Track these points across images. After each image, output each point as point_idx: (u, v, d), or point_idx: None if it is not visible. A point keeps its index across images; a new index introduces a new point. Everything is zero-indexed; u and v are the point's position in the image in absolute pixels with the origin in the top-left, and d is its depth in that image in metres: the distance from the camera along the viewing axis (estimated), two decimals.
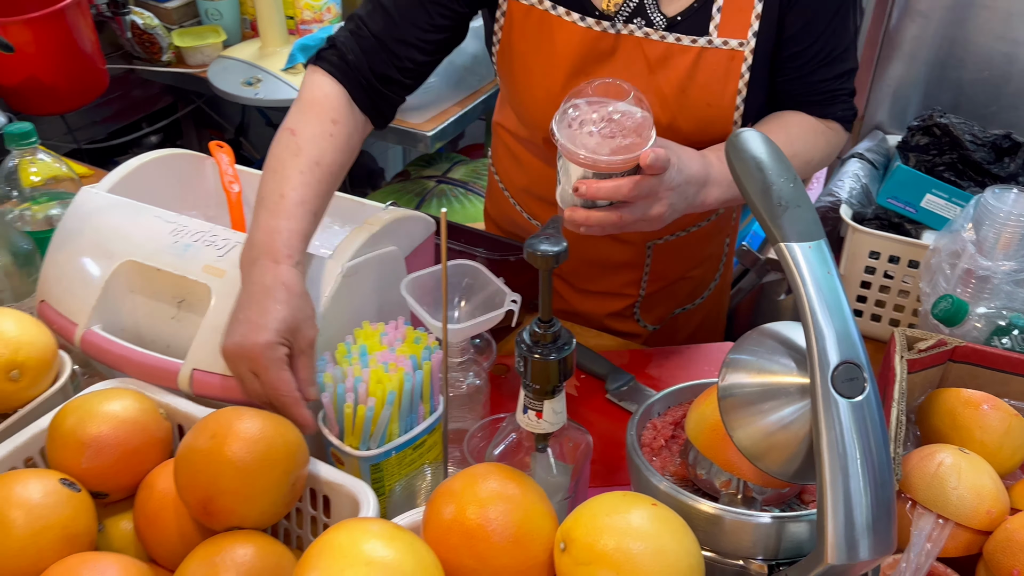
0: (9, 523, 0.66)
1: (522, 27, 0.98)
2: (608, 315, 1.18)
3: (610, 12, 0.94)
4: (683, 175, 0.85)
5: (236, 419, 0.69)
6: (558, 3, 0.95)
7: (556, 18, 0.95)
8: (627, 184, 0.79)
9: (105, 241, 0.90)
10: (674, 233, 1.11)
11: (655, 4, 0.93)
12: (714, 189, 0.89)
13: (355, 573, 0.53)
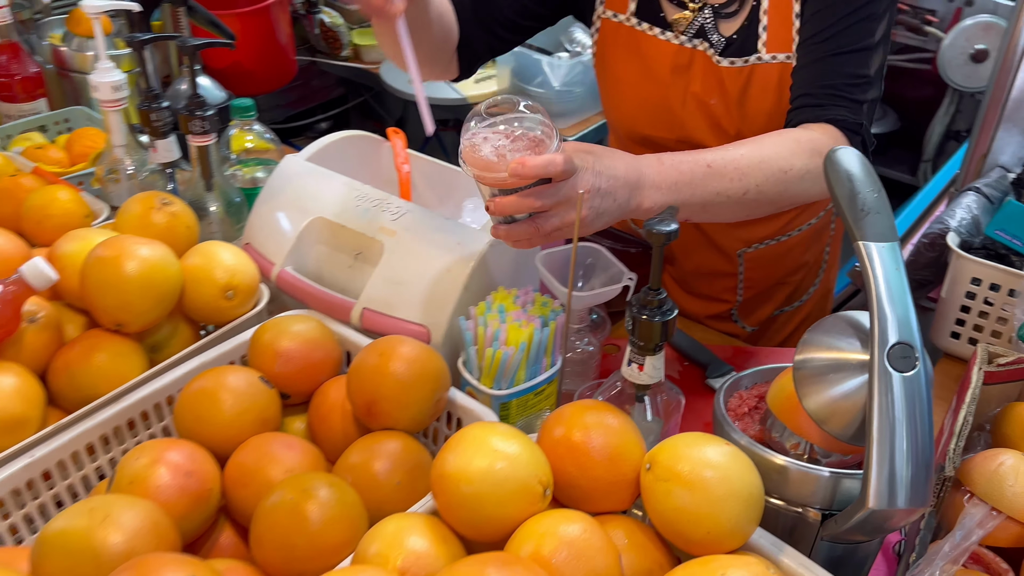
0: (221, 403, 0.86)
1: (613, 40, 1.13)
2: (709, 316, 1.30)
3: (679, 28, 1.08)
4: (603, 177, 0.84)
5: (399, 344, 0.87)
6: (643, 19, 1.09)
7: (641, 33, 1.11)
8: (531, 196, 0.80)
9: (301, 200, 1.11)
10: (762, 242, 1.22)
11: (714, 26, 1.07)
12: (651, 192, 0.87)
13: (484, 457, 0.69)
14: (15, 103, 1.52)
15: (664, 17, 1.09)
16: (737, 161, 0.92)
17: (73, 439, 0.84)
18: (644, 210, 0.88)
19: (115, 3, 1.14)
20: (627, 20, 1.12)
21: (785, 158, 0.93)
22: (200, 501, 0.78)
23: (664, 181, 0.88)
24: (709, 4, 1.07)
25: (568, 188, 0.81)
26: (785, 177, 0.93)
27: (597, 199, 0.83)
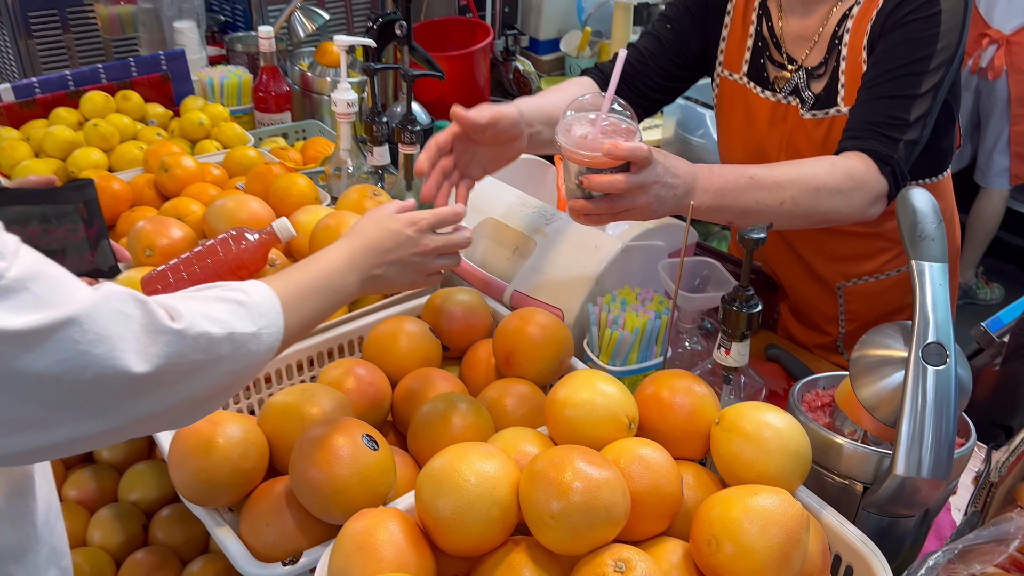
0: (398, 340, 1.12)
1: (729, 95, 1.34)
2: (816, 346, 1.43)
3: (778, 88, 1.28)
4: (669, 174, 1.00)
5: (536, 313, 1.10)
6: (751, 79, 1.30)
7: (748, 90, 1.32)
8: (620, 177, 0.96)
9: (478, 203, 1.37)
10: (861, 278, 1.35)
11: (806, 84, 1.24)
12: (702, 195, 1.03)
13: (586, 391, 0.89)
14: (268, 113, 1.91)
15: (767, 77, 1.29)
16: (776, 176, 1.07)
17: (292, 353, 1.13)
18: (696, 209, 1.03)
19: (358, 40, 1.47)
20: (740, 79, 1.32)
21: (820, 177, 1.08)
22: (374, 405, 1.04)
23: (712, 186, 1.04)
24: (803, 66, 1.25)
25: (645, 175, 0.97)
26: (818, 193, 1.07)
27: (663, 190, 0.99)
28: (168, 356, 0.66)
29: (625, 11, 2.26)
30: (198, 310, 0.70)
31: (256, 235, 1.15)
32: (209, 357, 0.69)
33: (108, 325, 0.62)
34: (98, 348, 0.62)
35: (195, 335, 0.68)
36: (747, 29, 1.30)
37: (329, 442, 0.83)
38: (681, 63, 1.36)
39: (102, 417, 0.64)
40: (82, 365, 0.61)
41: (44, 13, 2.21)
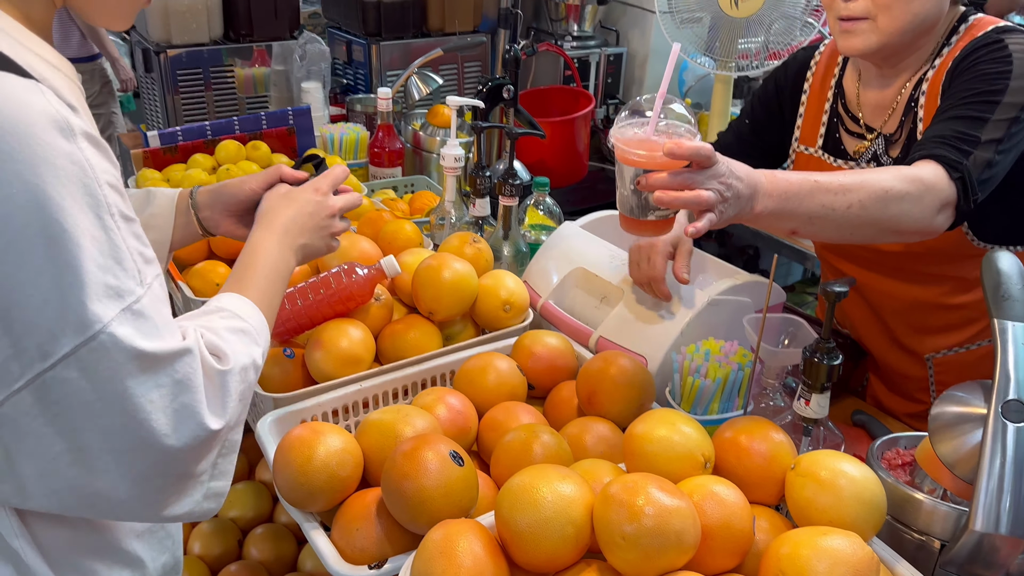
0: (487, 375, 1.18)
1: (806, 169, 1.37)
2: (906, 415, 1.41)
3: (857, 156, 1.30)
4: (733, 176, 0.96)
5: (620, 356, 1.14)
6: (827, 152, 1.34)
7: (825, 162, 1.35)
8: (680, 175, 0.92)
9: (570, 254, 1.45)
10: (951, 349, 1.33)
11: (885, 150, 1.26)
12: (765, 199, 1.00)
13: (665, 428, 0.93)
14: (381, 167, 2.06)
15: (844, 149, 1.33)
16: (842, 180, 1.05)
17: (388, 381, 1.21)
18: (756, 214, 1.00)
19: (468, 101, 1.59)
20: (816, 152, 1.36)
21: (887, 180, 1.05)
22: (462, 432, 1.10)
23: (775, 190, 1.01)
24: (882, 134, 1.28)
25: (708, 175, 0.94)
26: (886, 196, 1.04)
27: (727, 191, 0.96)
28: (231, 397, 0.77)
29: (725, 84, 2.33)
30: (238, 350, 0.80)
31: (366, 270, 1.25)
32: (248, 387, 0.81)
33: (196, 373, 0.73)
34: (185, 395, 0.72)
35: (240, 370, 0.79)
36: (822, 106, 1.35)
37: (419, 456, 0.90)
38: (760, 153, 1.43)
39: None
40: (175, 393, 0.71)
41: (190, 72, 2.45)
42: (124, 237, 0.69)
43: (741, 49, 2.32)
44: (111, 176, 0.70)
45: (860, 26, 1.19)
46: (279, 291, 0.97)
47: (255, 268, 0.95)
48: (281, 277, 0.97)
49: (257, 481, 1.65)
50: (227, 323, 0.83)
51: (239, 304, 0.87)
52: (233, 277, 0.94)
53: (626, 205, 1.00)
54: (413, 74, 2.12)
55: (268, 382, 1.20)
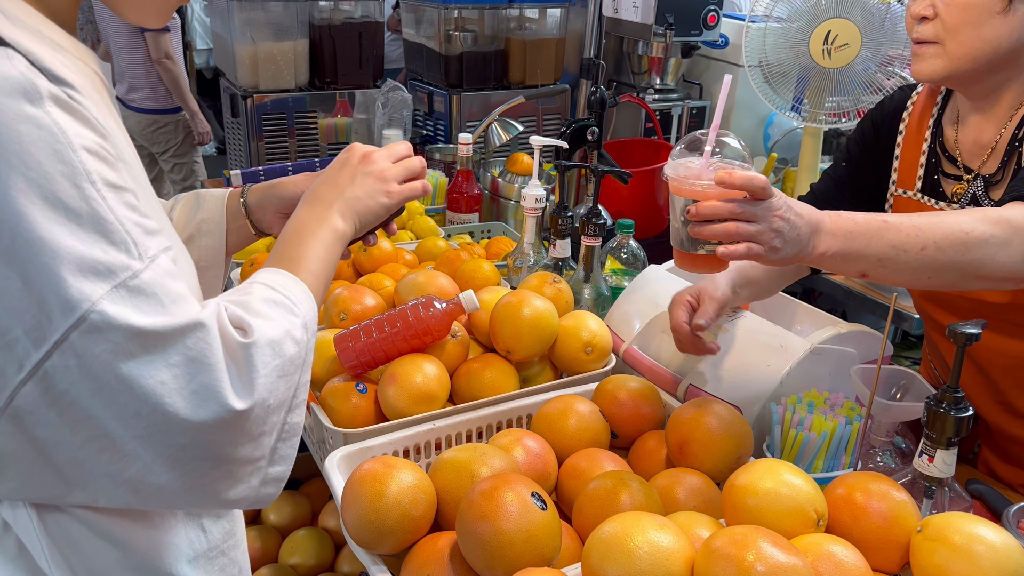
0: (568, 418, 1.11)
1: (905, 212, 1.25)
2: (1021, 485, 1.27)
3: (956, 199, 1.21)
4: (792, 211, 0.91)
5: (713, 403, 1.05)
6: (925, 194, 1.25)
7: (925, 204, 1.25)
8: (732, 202, 0.88)
9: (656, 297, 1.37)
10: None
11: (985, 192, 1.16)
12: (828, 238, 0.93)
13: (771, 480, 0.84)
14: (459, 212, 2.03)
15: (943, 191, 1.24)
16: (915, 219, 0.96)
17: (462, 422, 1.14)
18: (819, 254, 0.94)
19: (553, 140, 1.55)
20: (915, 195, 1.27)
21: (967, 222, 0.96)
22: (541, 477, 1.02)
23: (840, 229, 0.94)
24: (981, 175, 1.18)
25: (764, 207, 0.89)
26: (966, 238, 0.95)
27: (784, 224, 0.90)
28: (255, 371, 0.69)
29: (815, 138, 2.25)
30: (267, 321, 0.72)
31: (444, 304, 1.20)
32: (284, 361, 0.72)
33: (214, 350, 0.66)
34: (202, 374, 0.65)
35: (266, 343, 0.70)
36: (920, 146, 1.27)
37: (498, 496, 0.82)
38: (858, 198, 1.35)
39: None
40: (190, 374, 0.64)
41: (275, 117, 2.50)
42: (111, 207, 0.63)
43: (829, 107, 2.24)
44: (89, 141, 0.64)
45: (928, 50, 1.13)
46: (324, 258, 0.86)
47: (293, 239, 0.87)
48: (325, 243, 0.87)
49: (320, 528, 1.59)
50: (257, 295, 0.75)
51: (274, 277, 0.80)
52: (273, 251, 0.87)
53: (677, 238, 0.97)
54: (494, 121, 2.10)
55: (339, 417, 1.15)
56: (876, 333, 1.25)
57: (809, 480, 0.85)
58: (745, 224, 0.89)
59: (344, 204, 0.90)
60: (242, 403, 0.67)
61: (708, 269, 0.97)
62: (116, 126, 0.71)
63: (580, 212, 1.70)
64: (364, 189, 0.92)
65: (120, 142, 0.70)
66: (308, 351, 0.76)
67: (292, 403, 0.73)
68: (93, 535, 0.73)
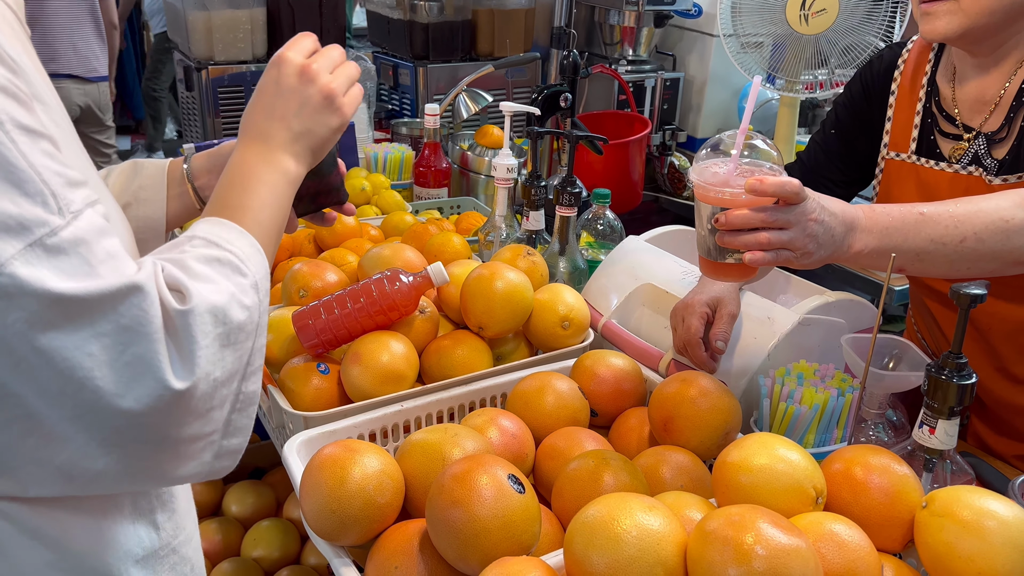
0: (545, 396, 1.04)
1: (897, 177, 1.23)
2: (1016, 456, 1.23)
3: (954, 159, 1.15)
4: (826, 212, 0.88)
5: (700, 377, 0.99)
6: (921, 156, 1.20)
7: (921, 167, 1.20)
8: (763, 211, 0.85)
9: (635, 269, 1.30)
10: None
11: (987, 151, 1.11)
12: (864, 236, 0.91)
13: (764, 456, 0.78)
14: (426, 187, 1.95)
15: (940, 152, 1.18)
16: (952, 210, 0.93)
17: (432, 402, 1.07)
18: (854, 252, 0.92)
19: (525, 107, 1.48)
20: (908, 158, 1.21)
21: (1006, 208, 0.93)
22: (517, 459, 0.95)
23: (875, 225, 0.92)
24: (982, 133, 1.13)
25: (797, 212, 0.86)
26: (1006, 226, 0.92)
27: (819, 228, 0.88)
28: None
29: (791, 109, 2.20)
30: (208, 284, 0.63)
31: (411, 277, 1.12)
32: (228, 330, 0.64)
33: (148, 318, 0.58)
34: (136, 344, 0.57)
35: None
36: (914, 106, 1.21)
37: (472, 479, 0.75)
38: (849, 165, 1.30)
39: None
40: (122, 345, 0.56)
41: (232, 91, 2.39)
42: (24, 152, 0.55)
43: (805, 80, 2.19)
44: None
45: (942, 7, 1.07)
46: (275, 206, 0.76)
47: (237, 184, 0.76)
48: (275, 188, 0.77)
49: (284, 519, 1.51)
50: (197, 252, 0.66)
51: (216, 229, 0.69)
52: (212, 200, 0.75)
53: (704, 247, 0.93)
54: (462, 92, 2.02)
55: (299, 400, 1.07)
56: (864, 301, 1.19)
57: (806, 455, 0.79)
58: (778, 232, 0.86)
59: (293, 139, 0.79)
60: (182, 382, 0.59)
61: (737, 278, 0.94)
62: (32, 64, 0.63)
63: (553, 183, 1.63)
64: (312, 117, 0.80)
65: (36, 81, 0.62)
66: (262, 314, 0.67)
67: (246, 371, 0.66)
68: (19, 532, 0.65)
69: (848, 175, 1.31)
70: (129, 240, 0.74)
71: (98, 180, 0.70)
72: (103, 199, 0.66)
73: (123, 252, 0.59)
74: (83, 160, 0.67)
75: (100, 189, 0.70)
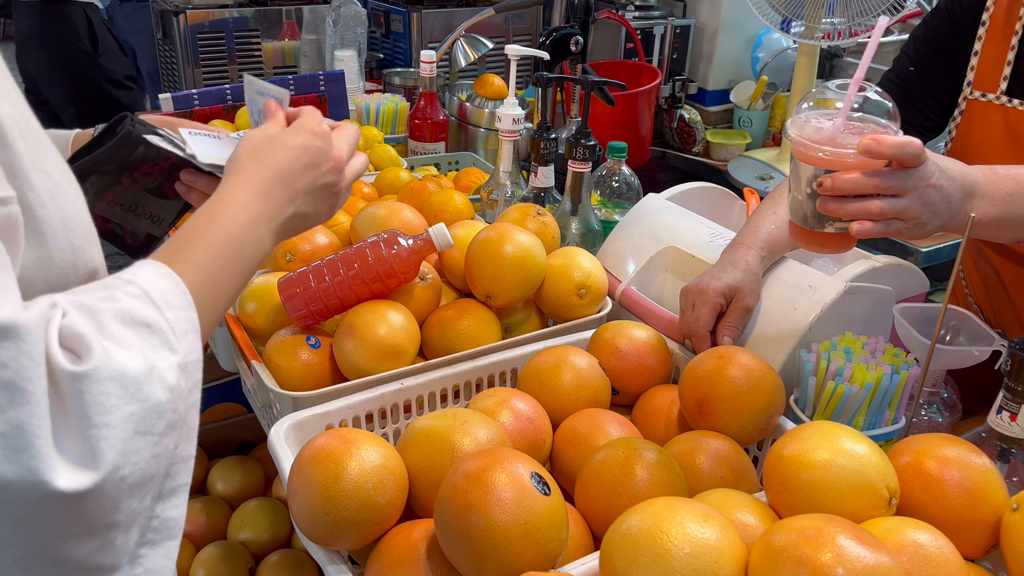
0: (562, 373, 0.93)
1: (981, 120, 1.11)
2: None
3: None
4: (944, 176, 0.79)
5: (738, 352, 0.88)
6: (1015, 96, 1.08)
7: (1012, 109, 1.08)
8: (878, 176, 0.75)
9: (656, 230, 1.18)
10: None
11: None
12: (984, 203, 0.82)
13: (827, 449, 0.67)
14: (422, 142, 1.81)
15: None
16: None
17: (436, 379, 0.96)
18: (977, 220, 0.82)
19: (531, 51, 1.34)
20: (996, 99, 1.09)
21: None
22: (534, 446, 0.84)
23: (997, 191, 0.83)
24: None
25: (916, 177, 0.76)
26: None
27: (937, 195, 0.78)
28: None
29: (810, 58, 2.06)
30: (122, 348, 0.48)
31: (411, 241, 1.00)
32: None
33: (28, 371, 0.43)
34: (12, 408, 0.42)
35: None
36: (1008, 41, 1.08)
37: (489, 478, 0.64)
38: (933, 109, 1.17)
39: None
40: None
41: (212, 39, 2.23)
42: None
43: (825, 27, 2.05)
44: None
45: None
46: (237, 276, 0.65)
47: (207, 231, 0.63)
48: (244, 254, 0.65)
49: (274, 498, 1.40)
50: (123, 304, 0.51)
51: (160, 280, 0.56)
52: (171, 241, 0.63)
53: (799, 213, 0.82)
54: (460, 38, 1.87)
55: (286, 378, 0.96)
56: (912, 266, 1.08)
57: (875, 448, 0.68)
58: (891, 200, 0.76)
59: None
60: (72, 474, 0.43)
61: (835, 249, 0.83)
62: None
63: (563, 137, 1.50)
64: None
65: None
66: (189, 408, 0.53)
67: (164, 484, 0.51)
68: None
69: (931, 119, 1.17)
70: (83, 244, 0.58)
71: (33, 160, 0.54)
72: (44, 188, 0.53)
73: (7, 282, 0.45)
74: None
75: (42, 172, 0.54)
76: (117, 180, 0.80)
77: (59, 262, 0.56)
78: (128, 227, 0.83)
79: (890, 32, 2.27)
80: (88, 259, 0.59)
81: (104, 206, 0.80)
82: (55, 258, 0.55)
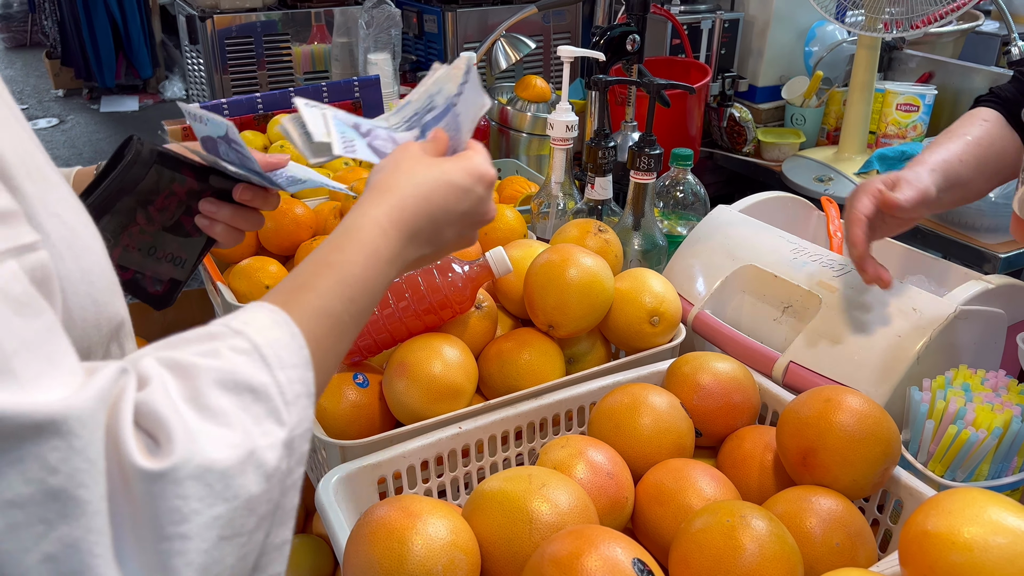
0: (641, 417, 0.83)
1: None
2: None
3: None
4: None
5: (846, 393, 0.77)
6: None
7: None
8: None
9: (730, 247, 1.08)
10: None
11: None
12: None
13: (979, 524, 0.56)
14: None
15: None
16: None
17: (497, 421, 0.86)
18: None
19: (586, 52, 1.24)
20: None
21: None
22: (616, 506, 0.74)
23: None
24: None
25: None
26: None
27: None
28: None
29: (870, 51, 1.94)
30: (223, 427, 0.40)
31: (466, 267, 0.91)
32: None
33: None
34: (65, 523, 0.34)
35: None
36: None
37: (581, 568, 0.54)
38: None
39: None
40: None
41: (241, 44, 2.15)
42: None
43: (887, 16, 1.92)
44: None
45: None
46: (361, 324, 0.55)
47: (340, 268, 0.53)
48: (374, 299, 0.56)
49: (314, 535, 1.31)
50: (228, 363, 0.42)
51: (274, 331, 0.46)
52: (292, 277, 0.53)
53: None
54: (500, 38, 1.77)
55: (333, 422, 0.87)
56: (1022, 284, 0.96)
57: None
58: None
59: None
60: None
61: None
62: None
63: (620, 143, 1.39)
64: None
65: None
66: (287, 491, 0.44)
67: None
68: None
69: None
70: (106, 300, 0.49)
71: (55, 201, 0.46)
72: (59, 236, 0.44)
73: (59, 346, 0.36)
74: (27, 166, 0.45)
75: (55, 217, 0.45)
76: (132, 219, 0.71)
77: (80, 322, 0.47)
78: (149, 273, 0.74)
79: (946, 23, 2.13)
80: (112, 315, 0.50)
81: (121, 252, 0.71)
82: (76, 318, 0.46)
